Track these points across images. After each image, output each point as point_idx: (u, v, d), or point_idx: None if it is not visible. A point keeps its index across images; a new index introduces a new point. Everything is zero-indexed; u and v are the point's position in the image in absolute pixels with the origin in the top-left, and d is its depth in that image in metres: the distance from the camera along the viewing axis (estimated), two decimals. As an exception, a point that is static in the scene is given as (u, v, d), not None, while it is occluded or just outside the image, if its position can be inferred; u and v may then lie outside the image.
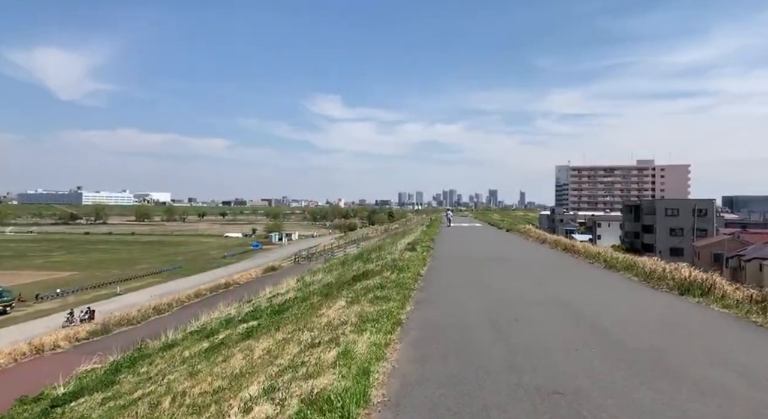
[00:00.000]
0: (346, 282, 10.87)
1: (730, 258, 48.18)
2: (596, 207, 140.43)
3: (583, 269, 11.23)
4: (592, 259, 12.79)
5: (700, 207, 64.89)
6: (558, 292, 8.00)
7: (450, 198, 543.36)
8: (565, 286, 8.68)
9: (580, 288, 8.43)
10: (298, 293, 12.74)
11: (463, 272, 10.67)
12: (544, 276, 10.02)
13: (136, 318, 17.12)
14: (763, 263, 41.88)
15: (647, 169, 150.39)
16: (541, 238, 20.50)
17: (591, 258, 12.90)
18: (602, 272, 10.57)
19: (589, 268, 11.44)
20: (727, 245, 49.53)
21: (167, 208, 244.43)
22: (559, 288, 8.40)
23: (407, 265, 11.36)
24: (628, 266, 10.50)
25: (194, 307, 19.10)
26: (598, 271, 10.87)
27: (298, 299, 11.16)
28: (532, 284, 8.91)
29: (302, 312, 8.77)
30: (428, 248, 16.93)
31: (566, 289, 8.27)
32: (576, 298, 7.40)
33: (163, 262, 74.54)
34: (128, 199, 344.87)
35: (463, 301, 7.29)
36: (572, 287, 8.60)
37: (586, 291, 8.08)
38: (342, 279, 12.08)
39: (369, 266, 12.68)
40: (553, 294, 7.79)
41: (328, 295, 9.86)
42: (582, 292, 7.98)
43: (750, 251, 47.51)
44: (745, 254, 47.52)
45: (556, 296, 7.64)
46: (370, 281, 9.87)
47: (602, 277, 9.95)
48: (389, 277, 9.77)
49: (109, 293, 46.34)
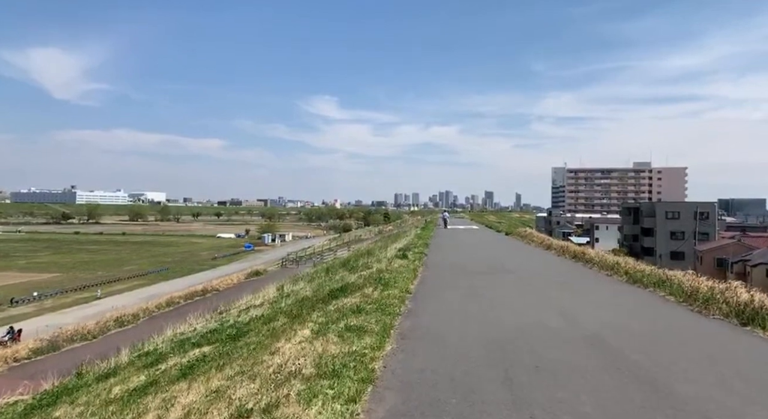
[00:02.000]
0: (321, 299, 9.09)
1: (734, 263, 46.65)
2: (593, 209, 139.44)
3: (604, 285, 9.47)
4: (609, 270, 11.05)
5: (701, 210, 63.42)
6: (585, 320, 6.25)
7: (446, 199, 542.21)
8: (591, 311, 6.91)
9: (612, 315, 6.66)
10: (268, 309, 10.94)
11: (460, 288, 8.90)
12: (559, 295, 8.25)
13: (93, 332, 15.23)
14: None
15: (644, 171, 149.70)
16: (545, 243, 18.78)
17: (608, 269, 11.17)
18: (629, 291, 8.81)
19: (611, 283, 9.69)
20: (732, 250, 47.98)
21: (161, 208, 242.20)
22: (583, 314, 6.65)
23: (394, 278, 9.60)
24: (658, 282, 8.76)
25: (162, 318, 17.30)
26: (622, 288, 9.11)
27: (264, 317, 9.37)
28: (547, 308, 7.15)
29: (260, 341, 7.00)
30: (421, 254, 15.17)
31: (594, 316, 6.51)
32: (611, 332, 5.65)
33: (152, 263, 72.46)
34: (123, 199, 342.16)
35: (462, 335, 5.52)
36: (601, 312, 6.83)
37: (620, 320, 6.32)
38: (318, 294, 10.30)
39: (351, 278, 10.89)
40: (579, 324, 6.04)
41: (296, 317, 8.08)
42: (616, 322, 6.22)
43: (756, 255, 46.00)
44: (750, 258, 46.04)
45: (583, 327, 5.89)
46: (348, 299, 8.10)
47: (632, 297, 8.17)
48: (371, 295, 8.01)
49: (90, 296, 44.37)
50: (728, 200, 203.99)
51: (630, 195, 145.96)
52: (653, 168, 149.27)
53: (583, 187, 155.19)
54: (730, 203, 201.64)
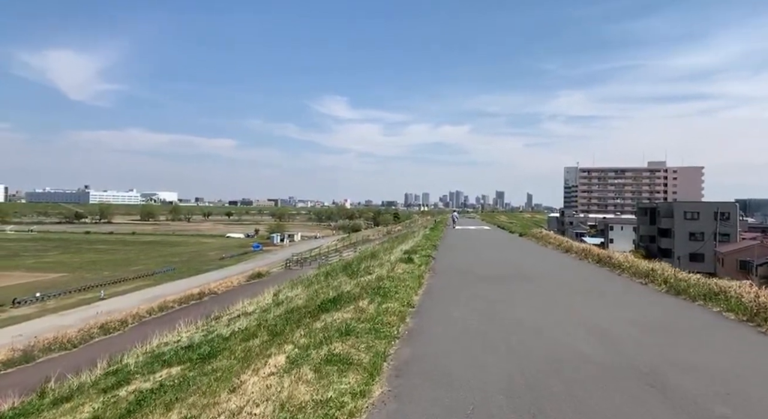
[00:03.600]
0: (310, 312, 7.83)
1: (759, 265, 44.57)
2: (606, 209, 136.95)
3: (642, 297, 8.05)
4: (643, 278, 9.63)
5: (722, 210, 61.13)
6: (633, 348, 4.89)
7: (456, 199, 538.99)
8: (637, 335, 5.53)
9: (666, 341, 5.28)
10: (255, 321, 9.72)
11: (472, 300, 7.57)
12: (592, 312, 6.88)
13: (73, 341, 14.13)
14: (798, 272, 38.36)
15: (659, 171, 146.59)
16: (563, 246, 17.33)
17: (641, 276, 9.75)
18: (675, 305, 7.40)
19: (649, 295, 8.27)
20: (756, 252, 45.91)
21: (173, 207, 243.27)
22: (628, 339, 5.29)
23: (396, 287, 8.31)
24: (707, 294, 7.36)
25: (153, 324, 16.20)
26: (665, 301, 7.70)
27: (246, 332, 8.14)
28: (581, 329, 5.79)
29: (229, 367, 5.77)
30: (429, 258, 13.85)
31: (643, 342, 5.15)
32: (672, 366, 4.30)
33: (159, 263, 71.90)
34: (135, 198, 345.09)
35: (477, 371, 4.22)
36: (650, 337, 5.45)
37: (680, 349, 4.96)
38: (310, 304, 9.05)
39: (347, 286, 9.62)
40: (626, 354, 4.70)
41: (278, 335, 6.84)
42: (676, 351, 4.87)
43: (781, 258, 43.97)
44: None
45: (633, 357, 4.55)
46: (339, 313, 6.83)
47: (682, 314, 6.77)
48: (366, 309, 6.73)
49: (93, 297, 43.65)
50: (745, 200, 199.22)
51: (644, 195, 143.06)
52: (668, 168, 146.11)
53: (596, 187, 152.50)
54: (747, 203, 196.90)
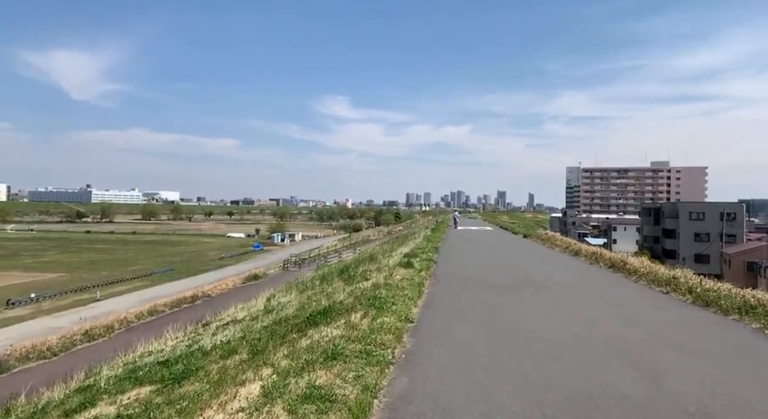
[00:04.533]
0: (297, 325, 7.05)
1: (767, 267, 43.68)
2: (608, 210, 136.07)
3: (668, 310, 7.19)
4: (664, 286, 8.82)
5: (728, 211, 60.19)
6: (675, 381, 4.09)
7: (458, 199, 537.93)
8: (675, 360, 4.72)
9: (712, 369, 4.48)
10: (240, 332, 8.94)
11: (478, 314, 6.77)
12: (619, 329, 6.05)
13: (54, 349, 13.35)
14: (808, 274, 37.45)
15: (662, 171, 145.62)
16: (571, 248, 16.51)
17: (662, 285, 8.93)
18: (706, 319, 6.58)
19: (674, 307, 7.44)
20: (764, 253, 45.01)
21: (174, 207, 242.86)
22: (668, 367, 4.48)
23: (394, 297, 7.52)
24: (742, 307, 6.56)
25: (141, 330, 15.47)
26: (695, 315, 6.86)
27: (226, 348, 7.36)
28: (610, 355, 4.98)
29: (196, 394, 4.99)
30: (429, 261, 13.06)
31: (685, 372, 4.34)
32: (727, 407, 3.50)
33: (159, 263, 71.25)
34: (137, 198, 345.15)
35: (490, 409, 3.42)
36: (691, 362, 4.64)
37: (732, 383, 4.16)
38: (301, 314, 8.27)
39: (340, 294, 8.82)
40: (668, 389, 3.89)
41: (259, 353, 6.05)
42: (727, 386, 4.07)
43: (791, 260, 43.07)
44: (784, 263, 43.09)
45: (677, 395, 3.74)
46: (328, 329, 6.05)
47: (718, 333, 5.94)
48: (359, 325, 5.94)
49: (89, 298, 42.95)
50: (749, 200, 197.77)
51: (647, 195, 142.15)
52: (672, 168, 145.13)
53: (598, 187, 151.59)
54: (751, 203, 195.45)
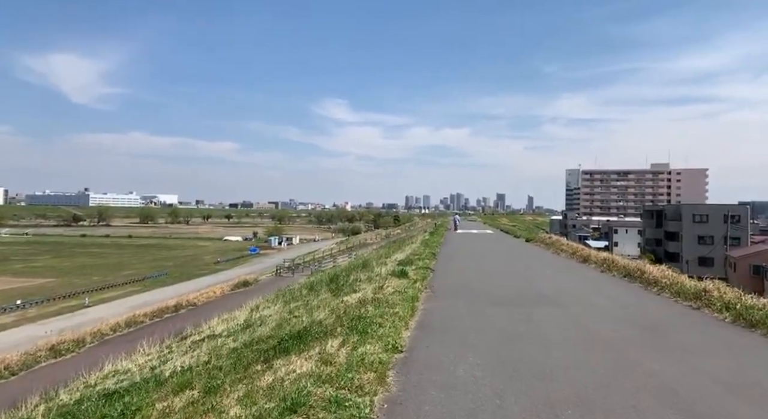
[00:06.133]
0: (267, 351, 5.92)
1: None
2: (609, 212, 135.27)
3: (709, 335, 5.99)
4: (693, 300, 7.68)
5: (732, 213, 59.12)
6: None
7: (457, 202, 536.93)
8: (736, 408, 3.62)
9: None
10: (209, 352, 7.80)
11: (482, 340, 5.61)
12: (654, 360, 4.93)
13: (13, 367, 12.07)
14: (817, 278, 36.34)
15: (662, 173, 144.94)
16: (579, 254, 15.37)
17: (691, 299, 7.79)
18: (759, 344, 5.46)
19: (713, 327, 6.27)
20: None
21: (172, 210, 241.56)
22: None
23: (382, 316, 6.39)
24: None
25: (115, 344, 14.34)
26: (743, 340, 5.72)
27: (186, 376, 6.22)
28: (646, 395, 3.87)
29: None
30: (426, 270, 11.92)
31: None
32: None
33: (152, 267, 70.01)
34: (135, 201, 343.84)
35: None
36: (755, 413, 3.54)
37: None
38: (277, 334, 7.14)
39: (320, 314, 7.67)
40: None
41: (214, 391, 4.92)
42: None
43: (799, 263, 41.95)
44: (792, 266, 41.98)
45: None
46: (298, 361, 4.91)
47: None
48: (335, 357, 4.80)
49: (77, 304, 41.73)
50: (749, 202, 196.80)
51: (648, 198, 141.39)
52: (672, 170, 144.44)
53: (598, 189, 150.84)
54: (751, 205, 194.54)
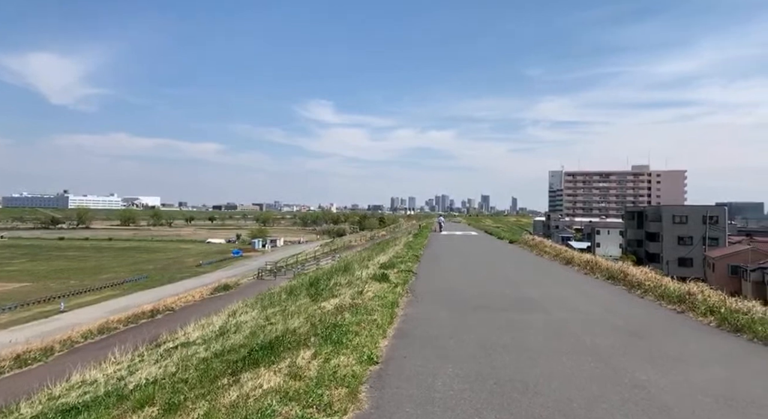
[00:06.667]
0: (236, 363, 5.57)
1: (752, 271, 43.34)
2: (591, 213, 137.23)
3: (698, 340, 5.75)
4: (676, 304, 7.53)
5: (711, 214, 60.22)
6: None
7: (442, 203, 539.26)
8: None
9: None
10: (177, 363, 7.41)
11: (465, 349, 5.35)
12: (645, 372, 4.71)
13: (-27, 378, 11.57)
14: (794, 278, 37.07)
15: (643, 175, 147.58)
16: (562, 256, 15.27)
17: (675, 302, 7.64)
18: (749, 352, 5.27)
19: (700, 333, 6.09)
20: (750, 257, 44.69)
21: (154, 212, 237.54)
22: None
23: (359, 323, 6.10)
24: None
25: (85, 351, 13.76)
26: (735, 348, 5.55)
27: (149, 390, 5.84)
28: (639, 412, 3.64)
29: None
30: (408, 273, 11.66)
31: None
32: None
33: (133, 271, 68.54)
34: (116, 203, 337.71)
35: None
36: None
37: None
38: (249, 343, 6.79)
39: (295, 321, 7.33)
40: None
41: (174, 408, 4.57)
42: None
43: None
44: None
45: None
46: (267, 374, 4.59)
47: None
48: (306, 370, 4.49)
49: (53, 309, 40.51)
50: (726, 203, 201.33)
51: (629, 199, 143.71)
52: (652, 171, 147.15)
53: (581, 190, 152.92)
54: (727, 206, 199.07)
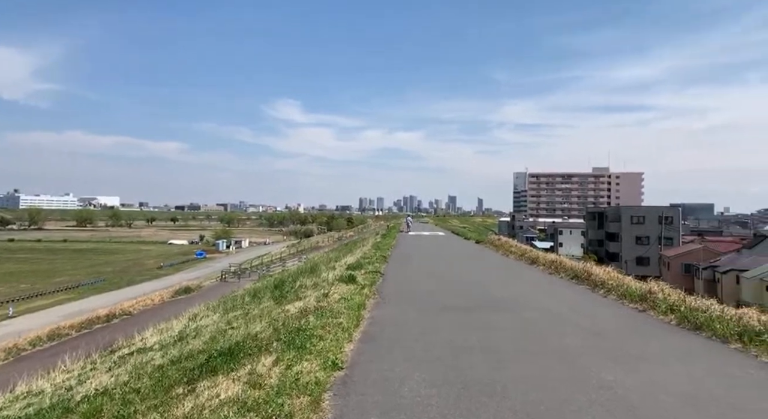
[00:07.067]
0: (192, 370, 5.27)
1: (704, 269, 45.40)
2: (554, 214, 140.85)
3: (661, 339, 5.79)
4: (639, 303, 7.68)
5: (666, 215, 62.79)
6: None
7: (410, 204, 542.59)
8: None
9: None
10: (131, 371, 7.00)
11: (433, 351, 5.23)
12: (611, 371, 4.72)
13: None
14: (741, 276, 39.02)
15: (603, 177, 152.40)
16: (528, 256, 15.47)
17: (636, 301, 7.80)
18: (713, 353, 5.35)
19: (662, 332, 6.17)
20: (701, 256, 46.79)
21: (113, 212, 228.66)
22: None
23: (324, 327, 5.90)
24: (744, 334, 5.42)
25: (33, 360, 12.96)
26: (694, 346, 5.66)
27: (99, 401, 5.45)
28: (602, 411, 3.61)
29: None
30: (376, 274, 11.52)
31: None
32: None
33: (89, 274, 65.70)
34: (72, 203, 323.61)
35: None
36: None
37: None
38: (209, 348, 6.48)
39: (257, 325, 7.07)
40: None
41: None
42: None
43: (725, 261, 44.92)
44: (718, 265, 44.88)
45: None
46: (225, 383, 4.33)
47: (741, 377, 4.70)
48: (266, 378, 4.27)
49: (1, 315, 38.31)
50: (679, 204, 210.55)
51: (590, 200, 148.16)
52: (612, 173, 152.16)
53: (544, 192, 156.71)
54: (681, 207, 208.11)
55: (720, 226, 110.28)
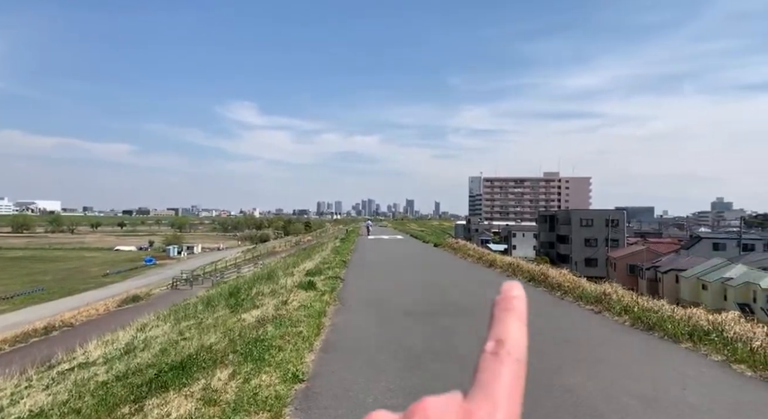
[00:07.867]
0: (140, 387, 4.91)
1: (647, 270, 47.82)
2: (508, 217, 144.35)
3: (615, 337, 6.05)
4: (594, 304, 7.90)
5: (612, 218, 65.75)
6: None
7: (369, 208, 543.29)
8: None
9: None
10: (71, 389, 6.48)
11: (396, 358, 5.12)
12: (573, 375, 4.78)
13: None
14: (680, 275, 41.42)
15: (554, 181, 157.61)
16: (485, 259, 15.69)
17: (591, 302, 8.01)
18: (665, 352, 5.51)
19: (622, 333, 6.38)
20: (645, 256, 49.26)
21: (54, 218, 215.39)
22: None
23: (283, 336, 5.67)
24: (693, 333, 5.64)
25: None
26: (648, 346, 5.83)
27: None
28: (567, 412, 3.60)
29: None
30: (336, 280, 11.30)
31: None
32: None
33: (26, 283, 61.41)
34: (6, 208, 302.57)
35: None
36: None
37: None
38: (158, 362, 6.08)
39: (212, 336, 6.72)
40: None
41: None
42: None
43: (665, 262, 47.44)
44: (660, 265, 47.38)
45: None
46: (177, 400, 4.04)
47: (690, 372, 4.87)
48: (222, 393, 4.01)
49: None
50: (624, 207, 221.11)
51: (541, 203, 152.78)
52: (561, 178, 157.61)
53: (498, 195, 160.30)
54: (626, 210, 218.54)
55: (660, 228, 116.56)
